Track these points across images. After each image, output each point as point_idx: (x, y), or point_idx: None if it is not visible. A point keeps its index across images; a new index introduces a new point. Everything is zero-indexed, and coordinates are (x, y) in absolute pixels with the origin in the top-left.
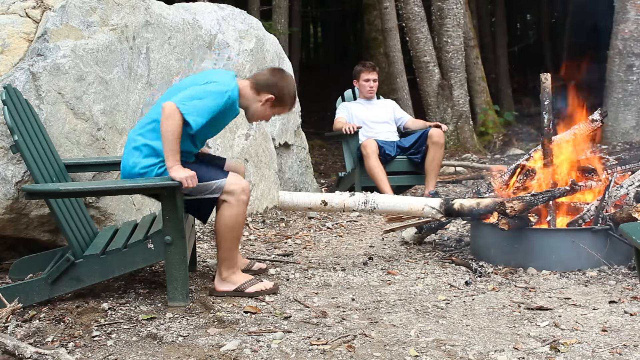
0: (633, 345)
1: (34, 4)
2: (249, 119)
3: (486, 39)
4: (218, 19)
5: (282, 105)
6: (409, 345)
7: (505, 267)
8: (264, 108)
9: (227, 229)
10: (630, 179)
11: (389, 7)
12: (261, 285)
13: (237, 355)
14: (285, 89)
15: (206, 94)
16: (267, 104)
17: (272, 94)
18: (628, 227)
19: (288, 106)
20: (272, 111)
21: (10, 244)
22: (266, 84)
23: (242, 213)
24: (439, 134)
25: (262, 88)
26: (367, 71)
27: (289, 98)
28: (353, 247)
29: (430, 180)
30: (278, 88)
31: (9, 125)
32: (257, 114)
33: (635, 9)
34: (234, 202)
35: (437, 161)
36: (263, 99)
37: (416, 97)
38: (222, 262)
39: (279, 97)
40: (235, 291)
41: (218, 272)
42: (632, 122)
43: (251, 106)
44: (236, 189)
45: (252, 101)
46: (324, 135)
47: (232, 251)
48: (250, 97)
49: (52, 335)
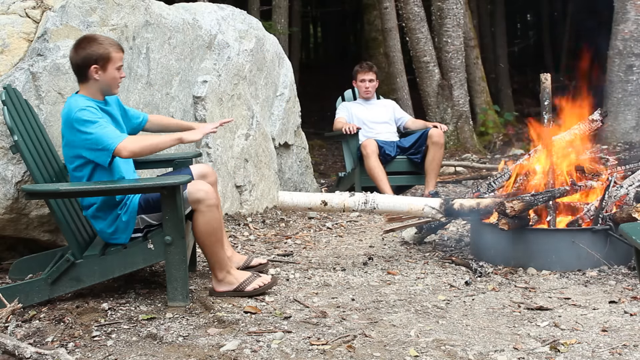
0: (633, 345)
1: (34, 4)
2: (113, 93)
3: (486, 39)
4: (218, 19)
5: (107, 60)
6: (409, 345)
7: (505, 267)
8: (102, 76)
9: (206, 236)
10: (630, 179)
11: (389, 7)
12: (259, 281)
13: (237, 355)
14: (93, 50)
15: (88, 127)
16: (99, 73)
17: (91, 64)
18: (628, 227)
19: (111, 53)
20: (110, 72)
21: (10, 244)
22: (79, 64)
23: (215, 216)
24: (438, 134)
25: (82, 70)
26: (362, 72)
27: (103, 49)
28: (353, 247)
29: (430, 180)
30: (87, 57)
31: (9, 125)
32: (107, 84)
33: (635, 9)
34: (203, 208)
35: (437, 161)
36: (93, 74)
37: (416, 97)
38: (213, 265)
39: (98, 59)
40: (235, 291)
41: (213, 275)
42: (632, 122)
43: (99, 87)
44: (201, 195)
45: (95, 84)
46: (324, 135)
47: (219, 253)
48: (92, 85)
49: (52, 335)
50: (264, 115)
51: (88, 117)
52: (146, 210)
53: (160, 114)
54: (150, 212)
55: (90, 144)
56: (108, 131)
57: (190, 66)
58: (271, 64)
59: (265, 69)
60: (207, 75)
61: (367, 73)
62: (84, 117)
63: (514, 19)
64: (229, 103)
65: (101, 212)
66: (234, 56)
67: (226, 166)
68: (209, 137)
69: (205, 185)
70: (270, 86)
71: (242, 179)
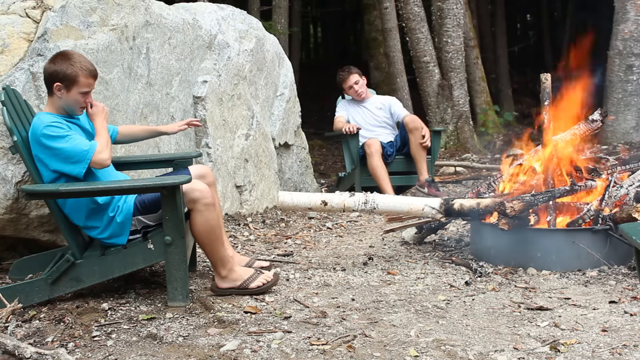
0: (633, 345)
1: (34, 4)
2: (76, 114)
3: (486, 39)
4: (218, 19)
5: (72, 82)
6: (409, 346)
7: (505, 267)
8: (64, 96)
9: (205, 234)
10: (630, 179)
11: (389, 7)
12: (262, 278)
13: (237, 356)
14: (61, 69)
15: (57, 142)
16: (62, 92)
17: (55, 82)
18: (628, 227)
19: (79, 77)
20: (73, 95)
21: (10, 244)
22: (46, 78)
23: (212, 215)
24: (412, 119)
25: (48, 84)
26: (345, 78)
27: (71, 70)
28: (353, 247)
29: (420, 167)
30: (54, 73)
31: (8, 126)
32: (68, 106)
33: (635, 9)
34: (200, 207)
35: (420, 146)
36: (56, 91)
37: (416, 97)
38: (215, 263)
39: (63, 78)
40: (239, 288)
41: (216, 273)
42: (632, 122)
43: (61, 105)
44: (196, 195)
45: (59, 101)
46: (324, 135)
47: (219, 251)
48: (56, 101)
49: (52, 335)
50: (264, 115)
51: (56, 133)
52: (142, 212)
53: (161, 114)
54: (146, 214)
55: (62, 158)
56: (78, 143)
57: (190, 66)
58: (271, 64)
59: (265, 69)
60: (207, 75)
61: (350, 77)
62: (51, 133)
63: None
64: (229, 103)
65: (91, 221)
66: (234, 56)
67: (226, 166)
68: (209, 137)
69: (200, 185)
70: (270, 86)
71: (242, 179)
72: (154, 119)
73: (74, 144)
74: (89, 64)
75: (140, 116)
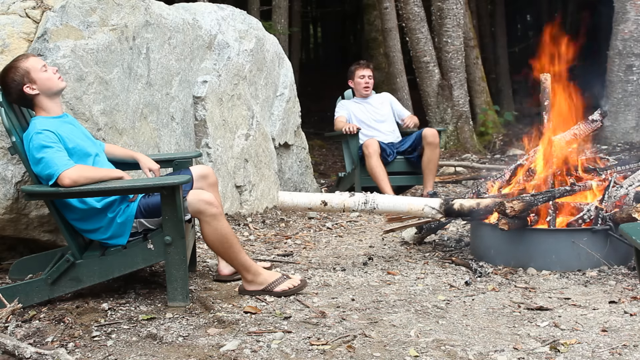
0: (633, 345)
1: (34, 4)
2: (59, 89)
3: (486, 39)
4: (218, 19)
5: (27, 72)
6: (409, 346)
7: (505, 267)
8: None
9: (218, 244)
10: (630, 179)
11: (389, 7)
12: (289, 283)
13: (237, 356)
14: (15, 76)
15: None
16: (34, 85)
17: (22, 88)
18: (628, 227)
19: (26, 66)
20: (39, 77)
21: (10, 244)
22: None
23: (221, 223)
24: (433, 134)
25: (23, 99)
26: (361, 68)
27: (17, 70)
28: (353, 247)
29: (428, 180)
30: (15, 86)
31: (6, 127)
32: (47, 88)
33: (635, 9)
34: (207, 218)
35: (434, 161)
36: (30, 92)
37: (416, 97)
38: (238, 269)
39: (21, 80)
40: (264, 291)
41: (242, 278)
42: (632, 122)
43: (44, 97)
44: (202, 207)
45: (39, 98)
46: (324, 135)
47: (238, 257)
48: (38, 102)
49: (52, 335)
50: (264, 115)
51: (42, 141)
52: (146, 215)
53: (160, 114)
54: (149, 217)
55: (39, 169)
56: (57, 157)
57: (190, 66)
58: (271, 64)
59: (265, 69)
60: (207, 75)
61: (365, 69)
62: (39, 140)
63: (514, 19)
64: (229, 103)
65: (92, 223)
66: (234, 56)
67: (226, 166)
68: (209, 137)
69: (205, 195)
70: (270, 86)
71: (242, 179)
72: (154, 119)
73: (53, 157)
74: (19, 56)
75: (140, 116)
